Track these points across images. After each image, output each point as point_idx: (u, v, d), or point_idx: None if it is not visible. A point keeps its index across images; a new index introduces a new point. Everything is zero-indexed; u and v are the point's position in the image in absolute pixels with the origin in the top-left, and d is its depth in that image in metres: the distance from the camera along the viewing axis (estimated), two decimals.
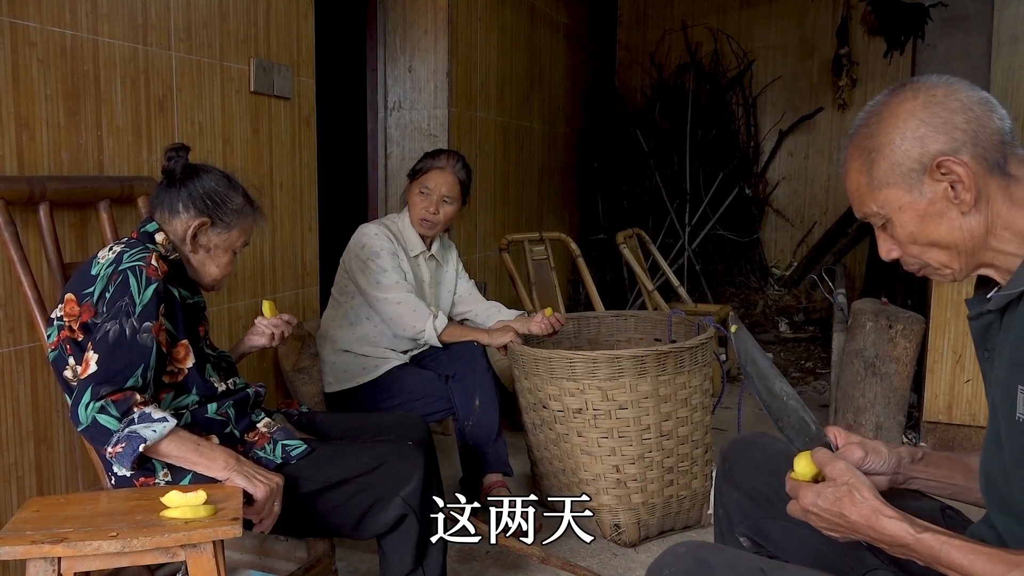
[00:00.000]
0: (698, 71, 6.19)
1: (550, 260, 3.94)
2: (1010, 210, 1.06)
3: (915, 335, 3.19)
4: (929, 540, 1.02)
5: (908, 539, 1.03)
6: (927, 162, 1.06)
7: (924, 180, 1.07)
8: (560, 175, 5.71)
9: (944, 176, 1.05)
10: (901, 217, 1.10)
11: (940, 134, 1.06)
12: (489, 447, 2.62)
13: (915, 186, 1.08)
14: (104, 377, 1.52)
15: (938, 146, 1.05)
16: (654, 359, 2.39)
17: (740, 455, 1.48)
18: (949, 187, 1.06)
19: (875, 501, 1.07)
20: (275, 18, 2.73)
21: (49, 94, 1.93)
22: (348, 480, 1.74)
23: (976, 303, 1.15)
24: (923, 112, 1.07)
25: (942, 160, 1.05)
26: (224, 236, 1.76)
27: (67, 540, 1.36)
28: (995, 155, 1.05)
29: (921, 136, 1.06)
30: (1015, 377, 1.03)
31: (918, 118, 1.07)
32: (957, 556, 0.99)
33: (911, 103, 1.08)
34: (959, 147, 1.05)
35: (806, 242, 6.19)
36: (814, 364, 4.89)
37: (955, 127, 1.05)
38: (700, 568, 1.13)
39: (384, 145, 4.06)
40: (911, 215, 1.09)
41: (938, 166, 1.05)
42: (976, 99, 1.07)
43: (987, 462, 1.12)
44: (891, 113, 1.09)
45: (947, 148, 1.05)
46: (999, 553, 0.98)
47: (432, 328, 2.64)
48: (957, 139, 1.05)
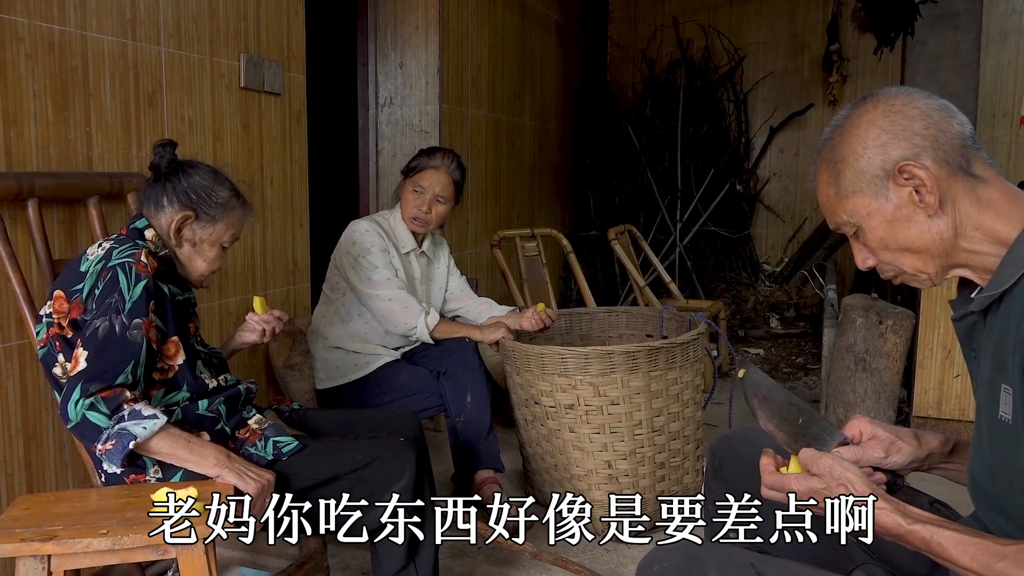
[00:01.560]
0: (689, 67, 6.20)
1: (542, 256, 3.94)
2: (978, 211, 1.08)
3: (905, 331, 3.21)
4: (920, 531, 1.03)
5: (900, 530, 1.05)
6: (889, 168, 1.09)
7: (889, 186, 1.10)
8: (552, 171, 5.71)
9: (907, 181, 1.08)
10: (870, 224, 1.13)
11: (900, 140, 1.09)
12: (481, 443, 2.62)
13: (880, 192, 1.11)
14: (94, 374, 1.51)
15: (899, 152, 1.09)
16: (646, 355, 2.39)
17: (729, 452, 1.48)
18: (913, 191, 1.08)
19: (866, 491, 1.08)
20: (265, 13, 2.72)
21: (37, 89, 1.92)
22: (340, 476, 1.74)
23: (959, 304, 1.16)
24: (883, 121, 1.10)
25: (903, 165, 1.08)
26: (209, 230, 1.75)
27: (57, 538, 1.35)
28: (957, 158, 1.07)
29: (882, 143, 1.10)
30: (998, 376, 1.04)
31: (879, 127, 1.10)
32: (947, 546, 1.01)
33: (871, 113, 1.12)
34: (920, 152, 1.08)
35: (797, 238, 6.21)
36: (805, 360, 4.91)
37: (915, 133, 1.08)
38: (691, 564, 1.13)
39: (375, 141, 4.05)
40: (879, 221, 1.12)
41: (900, 171, 1.08)
42: (934, 106, 1.10)
43: (973, 459, 1.13)
44: (853, 124, 1.13)
45: (908, 153, 1.08)
46: (987, 544, 0.99)
47: (423, 324, 2.64)
48: (917, 144, 1.08)
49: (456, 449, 2.66)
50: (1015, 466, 1.02)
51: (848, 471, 1.11)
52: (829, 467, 1.12)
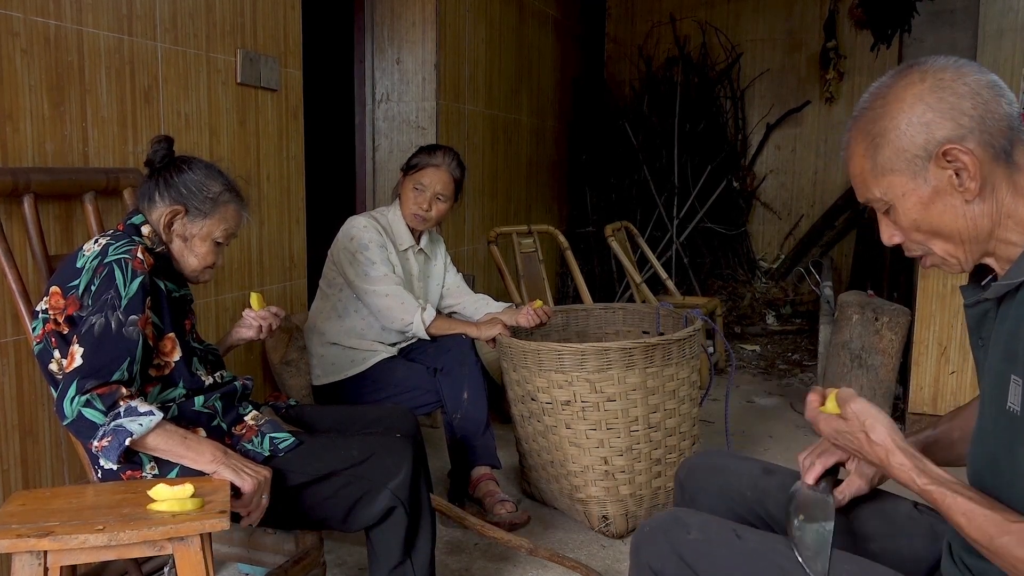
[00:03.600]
0: (686, 64, 6.20)
1: (538, 253, 3.94)
2: (1014, 199, 1.04)
3: (901, 327, 3.22)
4: (933, 492, 1.05)
5: (914, 487, 1.07)
6: (933, 149, 1.03)
7: (929, 167, 1.05)
8: (548, 168, 5.71)
9: (950, 164, 1.03)
10: (904, 204, 1.08)
11: (947, 120, 1.03)
12: (477, 440, 2.62)
13: (919, 173, 1.05)
14: (89, 371, 1.51)
15: (944, 133, 1.03)
16: (642, 351, 2.40)
17: (701, 483, 1.45)
18: (954, 175, 1.03)
19: (889, 442, 1.09)
20: (262, 9, 2.71)
21: (33, 85, 1.91)
22: (336, 473, 1.74)
23: (972, 291, 1.15)
24: (930, 97, 1.04)
25: (948, 148, 1.02)
26: (200, 225, 1.74)
27: (53, 534, 1.35)
28: (1002, 142, 1.02)
29: (927, 122, 1.03)
30: (1008, 367, 1.03)
31: (925, 103, 1.04)
32: (956, 512, 1.03)
33: (918, 87, 1.05)
34: (966, 134, 1.02)
35: (793, 235, 6.22)
36: (801, 356, 4.92)
37: (963, 113, 1.02)
38: (676, 524, 1.21)
39: (372, 137, 4.04)
40: (914, 202, 1.07)
41: (944, 154, 1.03)
42: (984, 83, 1.04)
43: (975, 449, 1.13)
44: (897, 97, 1.06)
45: (954, 135, 1.02)
46: (994, 517, 1.00)
47: (420, 321, 2.64)
48: (964, 126, 1.02)
49: (453, 445, 2.66)
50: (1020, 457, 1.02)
51: (878, 421, 1.11)
52: (856, 412, 1.13)
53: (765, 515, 1.36)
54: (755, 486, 1.38)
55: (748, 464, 1.46)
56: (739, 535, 1.20)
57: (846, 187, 5.95)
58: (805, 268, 5.78)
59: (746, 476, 1.41)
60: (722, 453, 1.54)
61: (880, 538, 1.30)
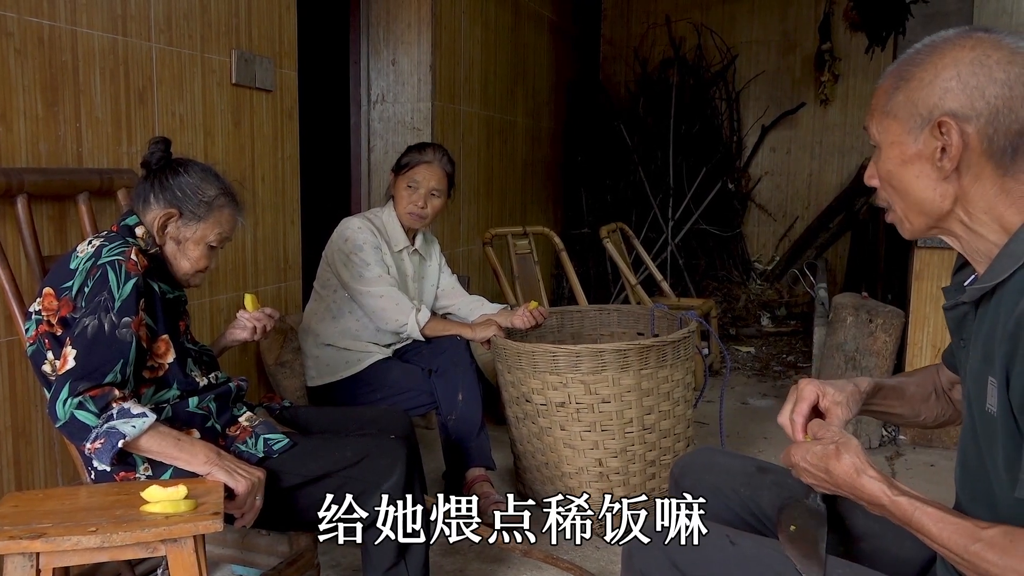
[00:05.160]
0: (682, 66, 6.21)
1: (534, 254, 3.94)
2: (997, 197, 1.03)
3: (895, 329, 3.22)
4: (904, 504, 1.04)
5: (884, 500, 1.06)
6: (935, 115, 1.03)
7: (924, 130, 1.05)
8: (544, 169, 5.71)
9: (941, 135, 1.03)
10: (889, 152, 1.09)
11: (964, 96, 1.02)
12: (472, 441, 2.62)
13: (914, 131, 1.06)
14: (82, 373, 1.50)
15: (954, 106, 1.02)
16: (637, 353, 2.40)
17: (695, 480, 1.45)
18: (940, 149, 1.04)
19: (858, 460, 1.10)
20: (257, 9, 2.71)
21: (27, 85, 1.90)
22: (330, 474, 1.73)
23: (952, 293, 1.16)
24: (966, 67, 1.02)
25: (945, 120, 1.02)
26: (193, 228, 1.74)
27: (46, 535, 1.35)
28: (1006, 141, 1.01)
29: (947, 88, 1.03)
30: (986, 368, 1.04)
31: (957, 69, 1.03)
32: (927, 523, 1.02)
33: (962, 52, 1.03)
34: (972, 116, 1.01)
35: (788, 237, 6.23)
36: (795, 358, 4.93)
37: (982, 96, 1.01)
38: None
39: (367, 138, 4.04)
40: (896, 154, 1.08)
41: (939, 124, 1.03)
42: None
43: (961, 450, 1.14)
44: (941, 53, 1.05)
45: (960, 112, 1.02)
46: (965, 524, 1.00)
47: (415, 322, 2.64)
48: (976, 108, 1.01)
49: (447, 447, 2.66)
50: (997, 458, 1.02)
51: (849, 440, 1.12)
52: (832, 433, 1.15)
53: (759, 512, 1.37)
54: (749, 484, 1.39)
55: (743, 462, 1.46)
56: (733, 541, 1.19)
57: (841, 189, 5.97)
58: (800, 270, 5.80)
59: (740, 474, 1.41)
60: (717, 451, 1.54)
61: (872, 538, 1.30)
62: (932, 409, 1.39)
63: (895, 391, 1.38)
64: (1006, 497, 1.02)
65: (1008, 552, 0.95)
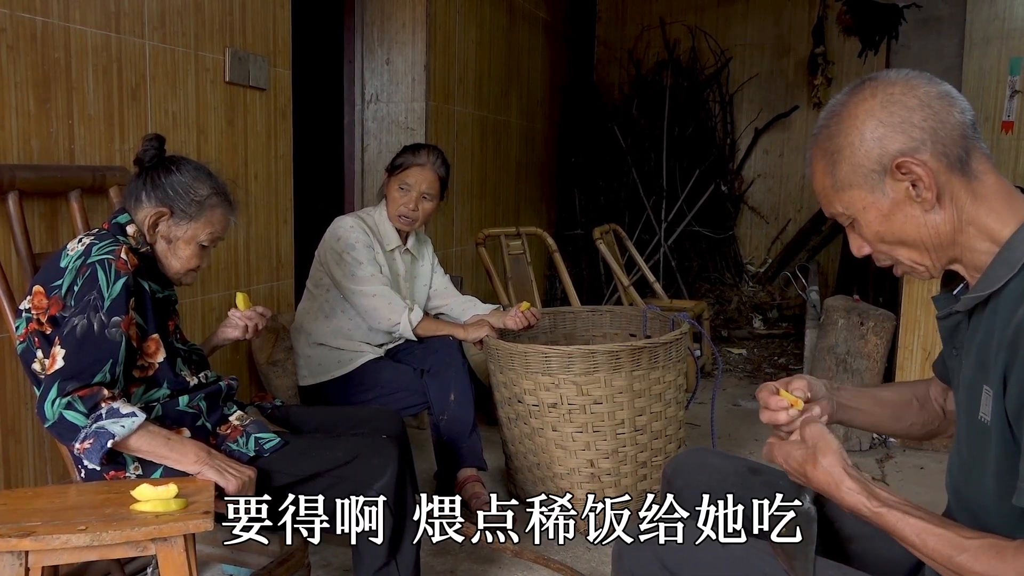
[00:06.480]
0: (676, 68, 6.22)
1: (527, 255, 3.94)
2: (974, 206, 1.05)
3: (886, 332, 3.24)
4: (886, 515, 1.04)
5: (864, 512, 1.06)
6: (887, 163, 1.06)
7: (885, 180, 1.07)
8: (537, 170, 5.72)
9: (904, 176, 1.05)
10: (866, 217, 1.10)
11: (898, 134, 1.05)
12: (464, 441, 2.62)
13: (877, 187, 1.08)
14: (71, 372, 1.50)
15: (897, 146, 1.05)
16: (629, 354, 2.40)
17: (687, 480, 1.46)
18: (910, 186, 1.05)
19: (836, 469, 1.09)
20: (251, 7, 2.70)
21: (19, 81, 1.90)
22: (321, 473, 1.73)
23: (944, 302, 1.16)
24: (881, 112, 1.06)
25: (901, 161, 1.04)
26: (185, 228, 1.73)
27: (35, 534, 1.34)
28: (957, 151, 1.04)
29: (880, 137, 1.06)
30: (980, 377, 1.04)
31: (876, 118, 1.06)
32: (909, 533, 1.02)
33: (869, 103, 1.07)
34: (918, 146, 1.04)
35: (780, 239, 6.24)
36: (787, 360, 4.94)
37: (913, 125, 1.04)
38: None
39: (361, 138, 4.04)
40: (875, 215, 1.09)
41: (898, 167, 1.05)
42: (935, 94, 1.06)
43: (953, 459, 1.14)
44: (850, 114, 1.09)
45: (906, 147, 1.04)
46: (949, 536, 1.00)
47: (407, 321, 2.64)
48: (916, 137, 1.04)
49: (439, 447, 2.66)
50: (989, 467, 1.03)
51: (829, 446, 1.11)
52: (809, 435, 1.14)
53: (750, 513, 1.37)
54: (741, 484, 1.39)
55: (734, 462, 1.47)
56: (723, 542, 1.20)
57: None
58: (792, 272, 5.81)
59: (732, 474, 1.42)
60: (709, 451, 1.55)
61: (862, 539, 1.31)
62: (916, 416, 1.38)
63: (865, 393, 1.39)
64: (997, 506, 1.02)
65: (994, 566, 0.95)
